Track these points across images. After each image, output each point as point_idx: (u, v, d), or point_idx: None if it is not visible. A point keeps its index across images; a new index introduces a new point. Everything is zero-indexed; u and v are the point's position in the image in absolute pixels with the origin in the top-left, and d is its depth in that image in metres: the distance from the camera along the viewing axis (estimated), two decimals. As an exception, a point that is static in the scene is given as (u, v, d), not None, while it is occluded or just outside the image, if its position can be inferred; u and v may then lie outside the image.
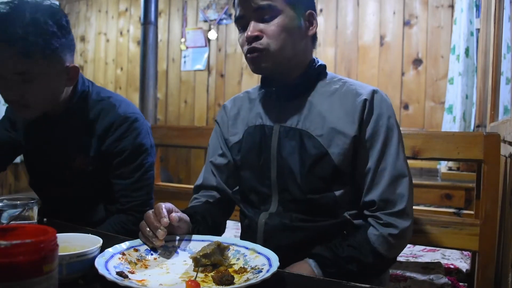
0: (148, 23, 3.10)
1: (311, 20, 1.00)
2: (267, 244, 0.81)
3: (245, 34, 0.95)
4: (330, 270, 0.86)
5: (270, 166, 0.99)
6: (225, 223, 1.14)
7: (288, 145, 0.97)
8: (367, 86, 0.97)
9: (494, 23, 1.79)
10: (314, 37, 1.03)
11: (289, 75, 0.99)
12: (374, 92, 0.95)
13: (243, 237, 1.07)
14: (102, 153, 1.21)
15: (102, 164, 1.22)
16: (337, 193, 0.94)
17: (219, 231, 1.09)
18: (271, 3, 0.93)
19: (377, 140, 0.93)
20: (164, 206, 0.83)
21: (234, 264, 0.77)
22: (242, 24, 0.98)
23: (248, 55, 0.97)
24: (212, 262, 0.76)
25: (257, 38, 0.94)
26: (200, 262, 0.75)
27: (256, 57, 0.95)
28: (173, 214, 0.82)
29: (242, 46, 0.99)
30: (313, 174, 0.94)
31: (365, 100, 0.93)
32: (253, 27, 0.94)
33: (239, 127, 1.09)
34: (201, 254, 0.75)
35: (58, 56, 1.09)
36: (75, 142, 1.22)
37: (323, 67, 1.03)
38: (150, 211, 0.83)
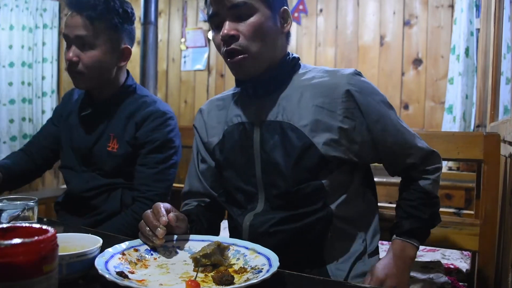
0: (148, 23, 3.10)
1: (285, 17, 0.99)
2: None
3: (221, 33, 0.93)
4: (425, 236, 0.99)
5: (254, 164, 0.98)
6: (219, 226, 1.15)
7: (271, 139, 0.96)
8: (342, 73, 0.96)
9: (494, 23, 1.79)
10: (288, 33, 1.03)
11: (266, 71, 0.98)
12: (351, 78, 0.94)
13: None
14: (135, 139, 1.31)
15: (133, 150, 1.31)
16: (324, 181, 0.93)
17: (214, 232, 1.09)
18: (246, 0, 0.91)
19: (385, 117, 0.96)
20: (163, 206, 0.83)
21: (234, 264, 0.77)
22: (216, 22, 0.96)
23: (229, 60, 0.95)
24: (212, 262, 0.76)
25: (233, 37, 0.92)
26: (200, 262, 0.75)
27: (239, 63, 0.94)
28: (171, 214, 0.82)
29: (218, 47, 0.97)
30: (300, 166, 0.93)
31: (347, 91, 0.92)
32: (229, 26, 0.92)
33: (218, 128, 1.08)
34: (201, 254, 0.75)
35: (117, 33, 1.28)
36: (114, 125, 1.33)
37: (297, 59, 1.03)
38: (149, 211, 0.83)
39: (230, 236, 1.07)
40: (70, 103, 1.45)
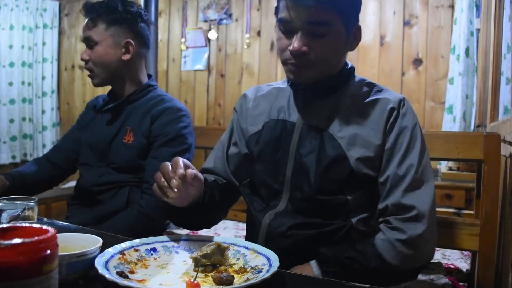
0: (148, 23, 3.10)
1: (357, 34, 0.96)
2: (268, 246, 0.81)
3: (291, 46, 0.88)
4: (328, 269, 0.85)
5: (286, 163, 0.97)
6: (228, 209, 1.13)
7: (309, 144, 0.95)
8: (394, 94, 0.96)
9: (494, 23, 1.79)
10: None
11: (322, 79, 0.97)
12: (400, 101, 0.94)
13: (246, 236, 1.07)
14: (150, 132, 1.36)
15: (147, 143, 1.36)
16: (350, 197, 0.92)
17: (223, 211, 1.09)
18: (326, 19, 0.87)
19: (398, 149, 0.91)
20: (182, 160, 0.81)
21: (234, 264, 0.77)
22: (286, 28, 0.91)
23: (291, 67, 0.93)
24: (212, 262, 0.76)
25: (303, 53, 0.89)
26: (200, 262, 0.75)
27: (300, 71, 0.92)
28: (189, 170, 0.80)
29: (281, 51, 0.93)
30: (328, 175, 0.92)
31: (392, 109, 0.92)
32: (301, 41, 0.88)
33: (259, 118, 1.06)
34: (201, 254, 0.75)
35: (117, 29, 1.37)
36: (132, 119, 1.39)
37: (353, 69, 1.02)
38: (167, 163, 0.81)
39: (247, 231, 1.07)
40: (93, 110, 1.53)
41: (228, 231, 2.19)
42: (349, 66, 1.00)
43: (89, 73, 1.40)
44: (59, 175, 1.51)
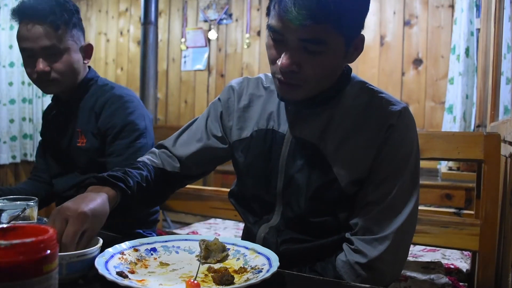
0: (148, 23, 3.10)
1: (359, 45, 0.85)
2: None
3: (280, 61, 0.80)
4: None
5: (277, 176, 0.92)
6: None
7: (299, 159, 0.89)
8: (394, 107, 0.86)
9: (494, 23, 1.79)
10: None
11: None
12: (400, 113, 0.85)
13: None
14: (98, 129, 1.29)
15: (99, 142, 1.30)
16: (341, 216, 0.88)
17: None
18: (321, 37, 0.76)
19: (384, 169, 0.84)
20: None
21: (234, 264, 0.78)
22: (276, 37, 0.81)
23: (278, 83, 0.85)
24: (216, 260, 0.78)
25: (293, 71, 0.81)
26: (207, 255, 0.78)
27: (287, 89, 0.84)
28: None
29: (270, 62, 0.85)
30: (318, 197, 0.87)
31: (391, 125, 0.84)
32: (291, 58, 0.79)
33: (248, 123, 0.98)
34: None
35: (78, 32, 1.29)
36: (80, 120, 1.33)
37: (350, 71, 0.92)
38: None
39: (243, 239, 1.07)
40: (46, 118, 1.47)
41: (228, 231, 2.19)
42: (345, 72, 0.90)
43: (46, 83, 1.26)
44: (51, 190, 1.45)
